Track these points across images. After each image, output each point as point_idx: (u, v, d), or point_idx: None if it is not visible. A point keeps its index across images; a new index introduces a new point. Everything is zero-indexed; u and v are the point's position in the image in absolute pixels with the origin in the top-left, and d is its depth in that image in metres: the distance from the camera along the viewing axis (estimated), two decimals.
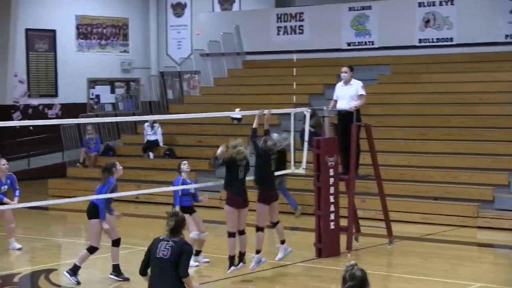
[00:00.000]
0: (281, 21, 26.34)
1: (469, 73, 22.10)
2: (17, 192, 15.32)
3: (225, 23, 27.37)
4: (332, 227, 14.33)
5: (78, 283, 12.52)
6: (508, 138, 19.13)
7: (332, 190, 14.36)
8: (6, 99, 26.21)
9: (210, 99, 25.77)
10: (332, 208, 14.32)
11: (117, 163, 12.79)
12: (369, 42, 24.67)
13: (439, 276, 12.80)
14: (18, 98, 26.58)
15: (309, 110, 15.81)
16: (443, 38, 23.39)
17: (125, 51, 29.18)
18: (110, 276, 12.77)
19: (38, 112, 26.77)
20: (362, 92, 14.78)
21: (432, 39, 23.54)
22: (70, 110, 26.58)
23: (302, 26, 26.00)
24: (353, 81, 14.89)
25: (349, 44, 24.98)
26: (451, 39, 23.25)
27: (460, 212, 17.37)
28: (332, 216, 14.33)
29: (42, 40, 27.15)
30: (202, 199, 13.78)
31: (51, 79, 27.35)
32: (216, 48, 27.15)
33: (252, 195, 12.90)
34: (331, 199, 14.32)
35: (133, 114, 27.14)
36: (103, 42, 28.65)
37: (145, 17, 29.40)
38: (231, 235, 12.34)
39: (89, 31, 28.30)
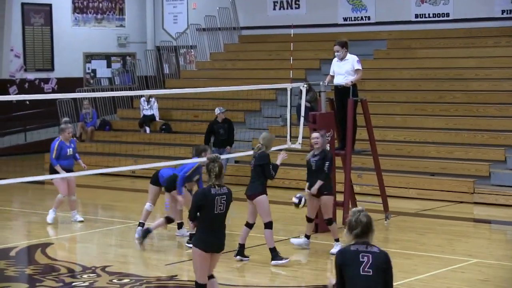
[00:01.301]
0: None
1: (465, 48, 21.92)
2: (77, 156, 15.32)
3: None
4: None
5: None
6: (504, 114, 18.98)
7: None
8: (2, 73, 26.05)
9: (207, 74, 25.57)
10: None
11: (208, 149, 13.27)
12: (365, 17, 24.46)
13: (435, 251, 12.68)
14: (14, 72, 26.37)
15: (306, 85, 15.65)
16: (439, 14, 23.19)
17: (121, 26, 28.92)
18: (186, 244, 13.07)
19: (35, 87, 26.56)
20: (358, 66, 14.42)
21: (428, 14, 23.33)
22: (66, 84, 26.37)
23: (298, 1, 25.75)
24: (349, 56, 14.47)
25: (345, 19, 24.77)
26: (447, 15, 23.05)
27: (456, 188, 17.24)
28: None
29: (38, 14, 26.88)
30: None
31: (47, 54, 27.11)
32: (213, 23, 26.92)
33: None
34: None
35: (130, 89, 26.93)
36: (99, 16, 28.39)
37: None
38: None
39: (85, 5, 28.02)
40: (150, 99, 23.81)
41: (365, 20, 24.45)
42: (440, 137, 18.92)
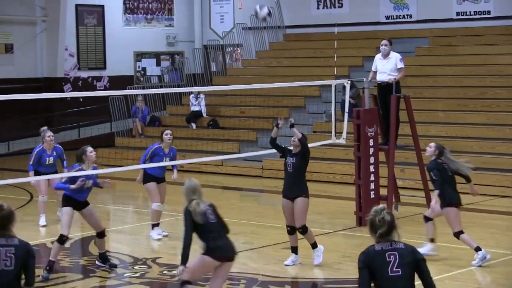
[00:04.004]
0: None
1: (506, 45, 21.45)
2: (65, 163, 14.36)
3: None
4: (372, 196, 13.99)
5: None
6: None
7: (372, 160, 14.02)
8: (57, 71, 26.16)
9: (252, 71, 25.40)
10: (372, 177, 14.00)
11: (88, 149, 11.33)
12: (407, 15, 24.10)
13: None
14: (69, 71, 26.47)
15: (349, 82, 15.46)
16: (480, 11, 22.77)
17: (170, 25, 28.88)
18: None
19: (88, 84, 26.66)
20: (401, 65, 14.47)
21: (470, 12, 22.92)
22: (118, 82, 26.37)
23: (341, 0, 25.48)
24: (392, 54, 14.55)
25: (387, 18, 24.43)
26: (488, 12, 22.62)
27: (499, 182, 16.86)
28: (372, 186, 14.00)
29: (91, 15, 26.96)
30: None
31: (99, 53, 27.18)
32: (258, 22, 26.73)
33: None
34: (371, 168, 13.99)
35: (178, 86, 26.87)
36: (149, 16, 28.38)
37: None
38: None
39: (135, 6, 28.04)
40: (199, 96, 23.72)
41: (407, 18, 24.08)
42: (482, 132, 18.53)
